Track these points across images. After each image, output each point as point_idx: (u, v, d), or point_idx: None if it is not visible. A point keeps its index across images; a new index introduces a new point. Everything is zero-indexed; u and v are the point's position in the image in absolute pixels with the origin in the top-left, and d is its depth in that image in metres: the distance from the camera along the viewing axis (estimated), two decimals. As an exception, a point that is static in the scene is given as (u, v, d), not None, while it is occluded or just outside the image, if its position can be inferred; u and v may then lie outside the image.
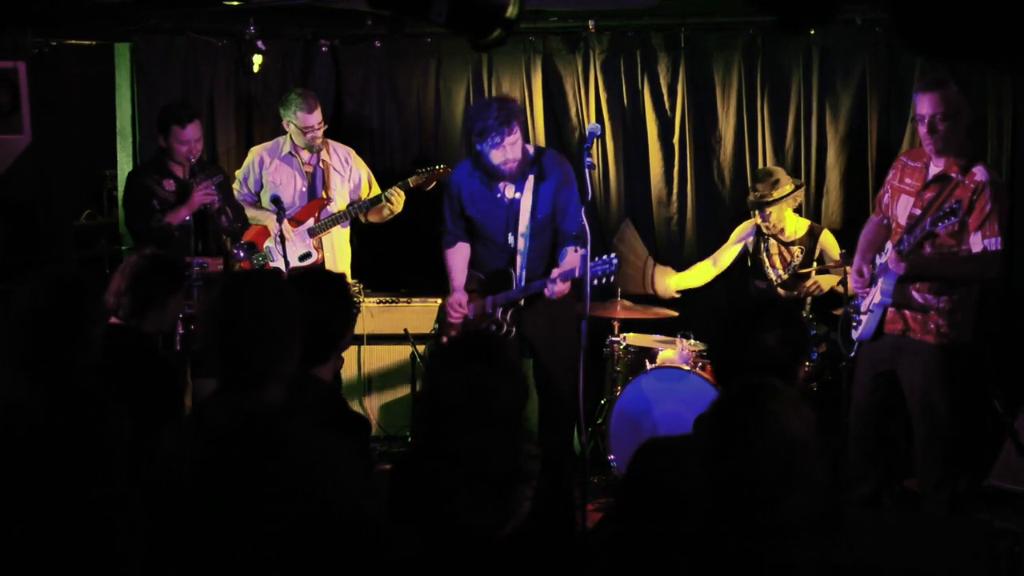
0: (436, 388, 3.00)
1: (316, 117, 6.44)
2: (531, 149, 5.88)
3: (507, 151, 5.61)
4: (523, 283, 5.79)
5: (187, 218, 6.02)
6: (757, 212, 6.39)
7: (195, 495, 2.69)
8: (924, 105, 5.02)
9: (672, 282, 6.68)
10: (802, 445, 2.47)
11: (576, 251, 5.61)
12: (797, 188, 6.35)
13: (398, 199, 6.47)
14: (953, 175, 5.00)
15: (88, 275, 3.67)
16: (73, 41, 6.86)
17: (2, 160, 6.29)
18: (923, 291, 5.10)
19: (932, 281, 5.07)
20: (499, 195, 5.81)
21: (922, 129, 5.06)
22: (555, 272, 5.63)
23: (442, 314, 6.08)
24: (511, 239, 5.82)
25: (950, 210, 4.81)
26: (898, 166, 5.33)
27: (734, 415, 2.54)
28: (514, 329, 5.82)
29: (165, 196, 6.16)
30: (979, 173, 4.97)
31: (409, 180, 6.47)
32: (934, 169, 5.09)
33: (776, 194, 6.27)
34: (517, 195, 5.78)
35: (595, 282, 5.46)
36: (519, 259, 5.83)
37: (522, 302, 5.82)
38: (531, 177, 5.76)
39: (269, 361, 2.81)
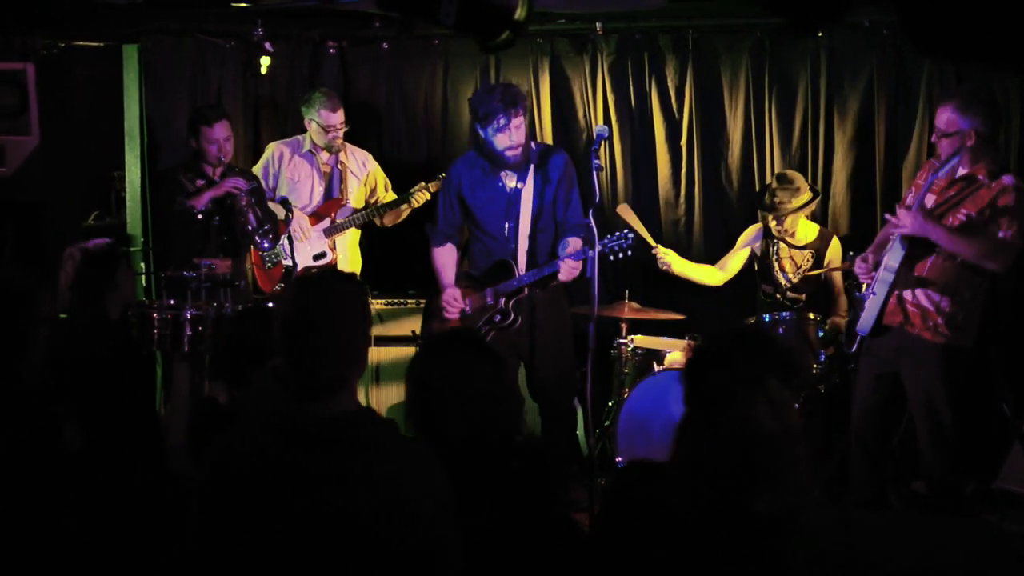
0: (415, 376, 3.04)
1: (339, 116, 6.48)
2: (534, 144, 5.87)
3: (512, 134, 5.55)
4: (527, 273, 5.73)
5: (212, 204, 6.07)
6: (770, 215, 6.39)
7: (269, 496, 2.61)
8: (936, 119, 5.13)
9: (674, 262, 6.61)
10: (768, 438, 2.46)
11: (579, 240, 5.62)
12: (815, 197, 6.38)
13: (422, 196, 6.51)
14: (980, 177, 5.02)
15: (28, 277, 3.68)
16: (81, 43, 6.87)
17: (11, 161, 6.28)
18: (928, 289, 5.09)
19: (944, 245, 5.01)
20: (500, 184, 5.76)
21: (933, 137, 5.17)
22: (567, 249, 5.61)
23: (428, 315, 6.01)
24: (509, 229, 5.76)
25: (951, 155, 4.93)
26: (927, 167, 5.33)
27: (698, 402, 2.56)
28: (520, 319, 5.75)
29: (193, 191, 6.18)
30: (1007, 179, 5.00)
31: (430, 184, 6.50)
32: (961, 171, 5.09)
33: (795, 203, 6.28)
34: (519, 185, 5.75)
35: (611, 257, 5.56)
36: (520, 250, 5.78)
37: (525, 291, 5.74)
38: (532, 167, 5.73)
39: (345, 369, 2.71)
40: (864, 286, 5.23)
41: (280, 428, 2.68)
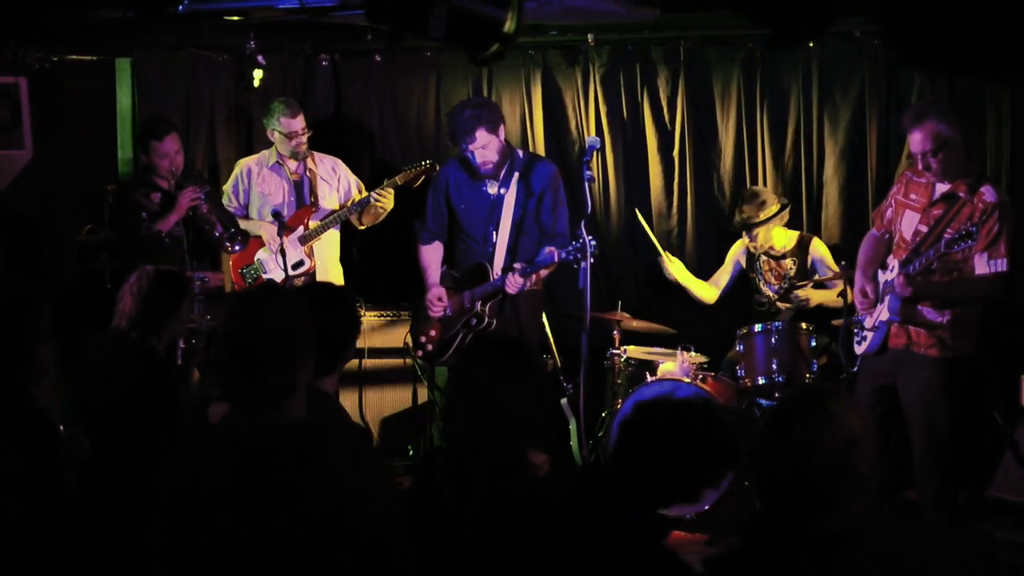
0: (451, 383, 3.05)
1: (300, 122, 6.50)
2: (521, 153, 6.02)
3: (475, 155, 5.79)
4: (500, 277, 5.86)
5: (177, 225, 6.14)
6: (745, 233, 6.45)
7: (219, 510, 2.64)
8: (914, 143, 4.98)
9: (679, 272, 6.67)
10: (860, 444, 2.48)
11: (555, 250, 5.65)
12: (783, 208, 6.45)
13: (387, 198, 6.45)
14: (961, 194, 4.96)
15: (36, 292, 3.70)
16: (74, 56, 6.87)
17: (3, 175, 6.29)
18: (926, 306, 5.09)
19: (936, 301, 5.05)
20: (484, 189, 5.94)
21: (919, 166, 5.04)
22: (518, 264, 5.75)
23: (417, 312, 6.18)
24: (491, 234, 5.93)
25: (966, 233, 4.76)
26: (903, 180, 5.28)
27: (795, 412, 2.55)
28: (494, 321, 5.89)
29: (153, 208, 6.24)
30: (988, 194, 4.92)
31: (396, 178, 6.47)
32: (941, 187, 5.04)
33: (762, 215, 6.38)
34: (502, 191, 5.92)
35: (574, 265, 5.48)
36: (498, 254, 5.91)
37: (501, 294, 5.88)
38: (517, 175, 5.88)
39: (290, 376, 2.75)
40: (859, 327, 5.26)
41: (229, 442, 2.71)
